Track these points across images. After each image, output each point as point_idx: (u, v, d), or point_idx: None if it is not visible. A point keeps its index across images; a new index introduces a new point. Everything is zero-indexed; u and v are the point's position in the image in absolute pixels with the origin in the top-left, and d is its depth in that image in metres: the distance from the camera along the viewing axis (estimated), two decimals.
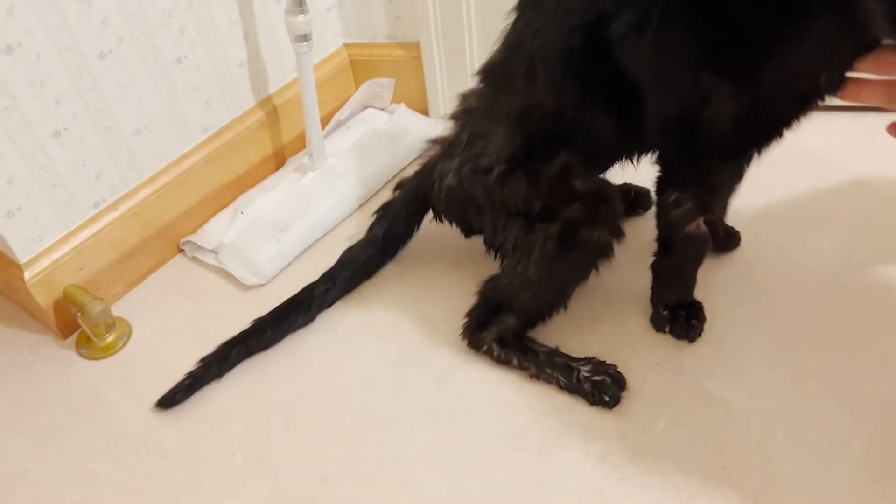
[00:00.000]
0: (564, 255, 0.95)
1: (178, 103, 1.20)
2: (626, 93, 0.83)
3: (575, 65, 0.85)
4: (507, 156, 0.95)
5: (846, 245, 1.12)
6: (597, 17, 0.80)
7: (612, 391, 0.96)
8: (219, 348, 1.05)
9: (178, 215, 1.25)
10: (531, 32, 0.88)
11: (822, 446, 0.88)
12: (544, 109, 0.90)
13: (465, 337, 1.05)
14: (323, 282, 1.12)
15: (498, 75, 0.96)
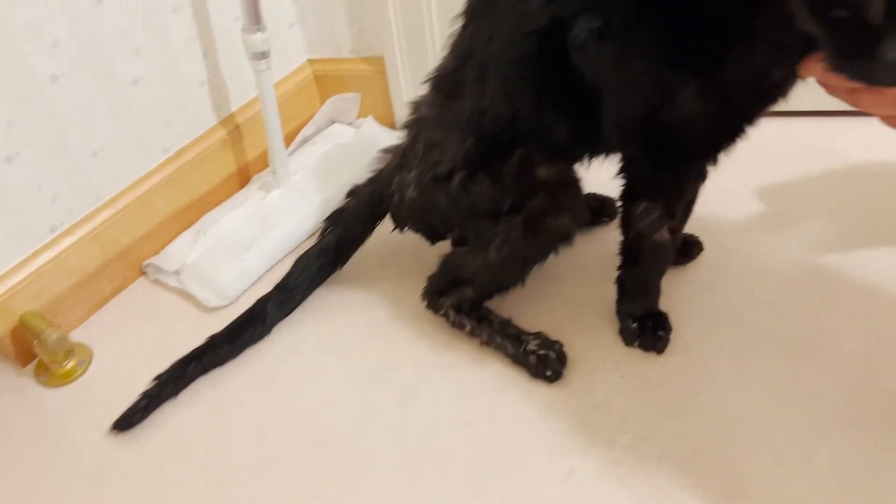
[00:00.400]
0: (528, 242, 0.96)
1: (135, 124, 1.18)
2: (583, 97, 0.83)
3: (529, 71, 0.84)
4: (464, 161, 0.94)
5: (809, 251, 1.12)
6: (552, 23, 0.79)
7: (555, 367, 0.99)
8: (174, 366, 1.04)
9: (140, 237, 1.23)
10: (483, 40, 0.88)
11: (788, 455, 0.88)
12: (497, 115, 0.90)
13: (425, 299, 1.09)
14: (276, 293, 1.11)
15: (448, 83, 0.96)
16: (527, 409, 0.98)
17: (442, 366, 1.05)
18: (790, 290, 1.07)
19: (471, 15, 0.90)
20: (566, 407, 0.97)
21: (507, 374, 1.02)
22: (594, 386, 0.99)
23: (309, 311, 1.16)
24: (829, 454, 0.87)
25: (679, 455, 0.89)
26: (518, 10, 0.82)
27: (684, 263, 1.12)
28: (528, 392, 1.00)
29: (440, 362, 1.05)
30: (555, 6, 0.79)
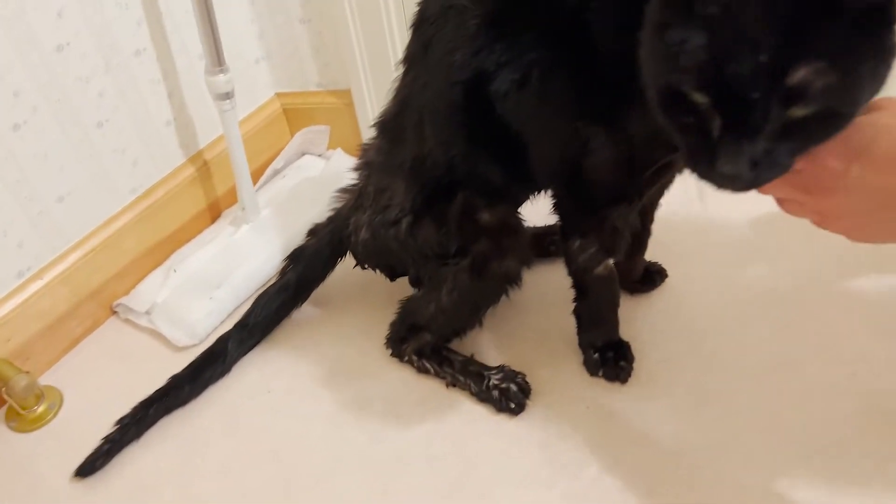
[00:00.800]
0: (475, 286, 0.98)
1: (102, 166, 1.19)
2: (511, 144, 0.86)
3: (459, 119, 0.87)
4: (410, 206, 0.97)
5: (772, 278, 1.14)
6: (477, 73, 0.82)
7: (517, 399, 1.01)
8: (135, 408, 1.05)
9: (110, 277, 1.24)
10: (419, 87, 0.90)
11: (749, 483, 0.89)
12: (436, 161, 0.92)
13: (388, 347, 1.11)
14: (237, 331, 1.13)
15: (391, 129, 0.98)
16: (494, 442, 0.99)
17: (411, 402, 1.06)
18: (753, 317, 1.09)
19: (409, 62, 0.93)
20: (532, 439, 0.98)
21: (476, 408, 1.03)
22: (560, 417, 1.00)
23: (278, 348, 1.17)
24: (789, 482, 0.88)
25: (642, 486, 0.91)
26: (446, 62, 0.84)
27: (647, 291, 1.14)
28: (496, 425, 1.01)
29: (409, 398, 1.06)
30: (478, 58, 0.81)
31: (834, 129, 0.59)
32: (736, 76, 0.55)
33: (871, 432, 0.91)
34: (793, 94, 0.55)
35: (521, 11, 0.79)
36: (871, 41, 0.56)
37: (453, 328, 1.05)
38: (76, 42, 1.10)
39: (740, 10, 0.54)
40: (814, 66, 0.54)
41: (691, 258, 1.19)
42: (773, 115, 0.56)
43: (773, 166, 0.60)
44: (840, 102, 0.56)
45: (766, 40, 0.53)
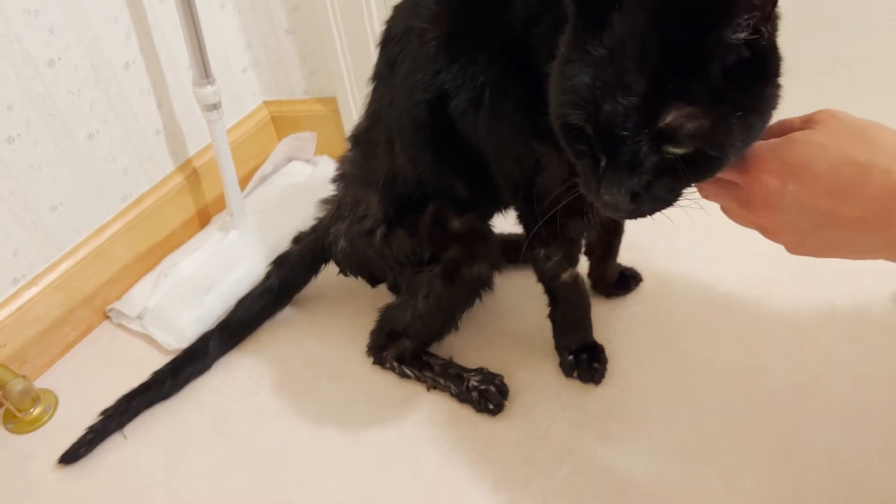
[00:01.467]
0: (448, 291, 1.02)
1: (93, 176, 1.22)
2: (474, 160, 0.90)
3: (425, 136, 0.91)
4: (383, 217, 1.01)
5: (742, 284, 1.18)
6: (438, 93, 0.86)
7: (496, 400, 1.05)
8: (119, 401, 1.10)
9: (103, 283, 1.27)
10: (386, 104, 0.94)
11: (714, 483, 0.93)
12: (406, 177, 0.97)
13: (370, 355, 1.14)
14: (219, 331, 1.17)
15: (364, 143, 1.03)
16: (473, 443, 1.02)
17: (394, 403, 1.10)
18: (724, 322, 1.13)
19: (377, 79, 0.97)
20: (509, 439, 1.02)
21: (455, 409, 1.07)
22: (536, 417, 1.04)
23: (265, 352, 1.20)
24: (753, 482, 0.92)
25: (613, 485, 0.95)
26: (410, 81, 0.88)
27: (622, 295, 1.18)
28: (475, 426, 1.05)
29: (391, 400, 1.10)
30: (438, 79, 0.85)
31: (708, 170, 0.65)
32: (610, 114, 0.60)
33: (833, 432, 0.95)
34: (664, 134, 0.60)
35: (473, 35, 0.83)
36: (742, 92, 0.61)
37: (431, 333, 1.09)
38: (67, 56, 1.13)
39: (620, 56, 0.60)
40: (684, 111, 0.59)
41: (666, 264, 1.22)
42: (643, 152, 0.61)
43: (653, 199, 0.65)
44: (710, 146, 0.61)
45: (638, 85, 0.59)
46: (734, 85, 0.60)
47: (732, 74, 0.60)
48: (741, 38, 0.59)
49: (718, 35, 0.58)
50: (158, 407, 1.14)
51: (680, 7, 0.59)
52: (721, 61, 0.59)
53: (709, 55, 0.59)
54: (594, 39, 0.61)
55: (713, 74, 0.59)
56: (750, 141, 0.65)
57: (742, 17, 0.57)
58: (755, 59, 0.61)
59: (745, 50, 0.60)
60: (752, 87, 0.62)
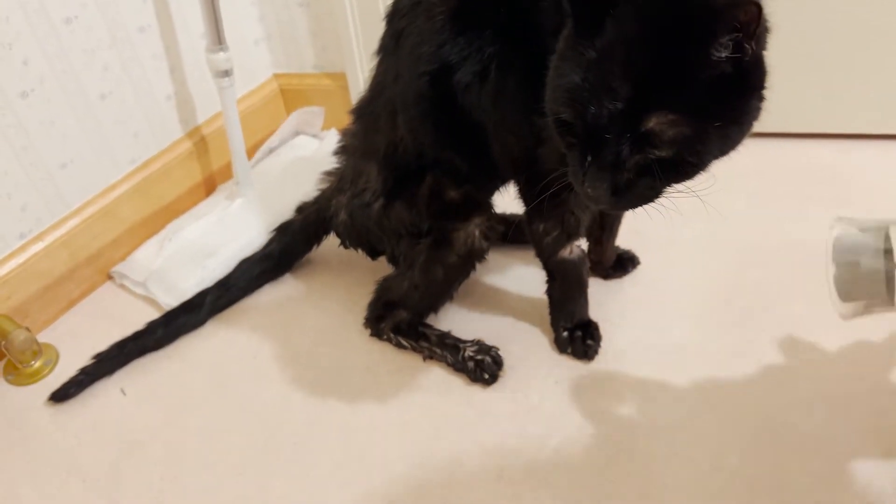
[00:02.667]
0: (442, 259, 1.03)
1: (104, 137, 1.24)
2: (474, 133, 0.92)
3: (426, 108, 0.93)
4: (383, 189, 1.03)
5: (737, 271, 1.20)
6: (442, 65, 0.88)
7: (491, 370, 1.07)
8: (111, 347, 1.13)
9: (107, 244, 1.29)
10: (391, 77, 0.96)
11: (700, 459, 0.95)
12: (407, 148, 0.98)
13: (367, 327, 1.16)
14: (216, 288, 1.20)
15: (367, 116, 1.05)
16: (465, 411, 1.04)
17: (389, 371, 1.12)
18: (718, 307, 1.14)
19: (382, 52, 0.99)
20: (501, 410, 1.04)
21: (449, 378, 1.09)
22: (528, 391, 1.06)
23: (266, 318, 1.22)
24: (738, 460, 0.94)
25: (601, 457, 0.96)
26: (415, 53, 0.90)
27: (619, 277, 1.20)
28: (467, 396, 1.07)
29: (386, 368, 1.12)
30: (443, 51, 0.87)
31: (684, 175, 0.69)
32: (595, 116, 0.64)
33: (819, 414, 0.97)
34: (645, 138, 0.64)
35: (481, 8, 0.85)
36: (723, 105, 0.65)
37: (426, 303, 1.10)
38: (84, 15, 1.15)
39: (609, 61, 0.64)
40: (665, 118, 0.63)
41: (663, 248, 1.24)
42: (625, 153, 0.66)
43: (634, 195, 0.70)
44: (689, 152, 0.66)
45: (623, 90, 0.63)
46: (715, 97, 0.64)
47: (714, 87, 0.64)
48: (723, 56, 0.62)
49: (702, 50, 0.62)
50: (157, 365, 1.16)
51: (668, 21, 0.63)
52: (704, 75, 0.63)
53: (692, 68, 0.63)
54: (587, 42, 0.65)
55: (696, 86, 0.63)
56: (727, 150, 0.70)
57: (724, 37, 0.61)
58: (737, 73, 0.64)
59: (728, 66, 0.64)
60: (733, 101, 0.66)
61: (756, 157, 1.41)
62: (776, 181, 1.35)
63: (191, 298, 1.18)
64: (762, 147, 1.42)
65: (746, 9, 0.60)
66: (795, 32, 1.23)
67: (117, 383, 1.14)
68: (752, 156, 0.75)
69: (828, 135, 1.43)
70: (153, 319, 1.16)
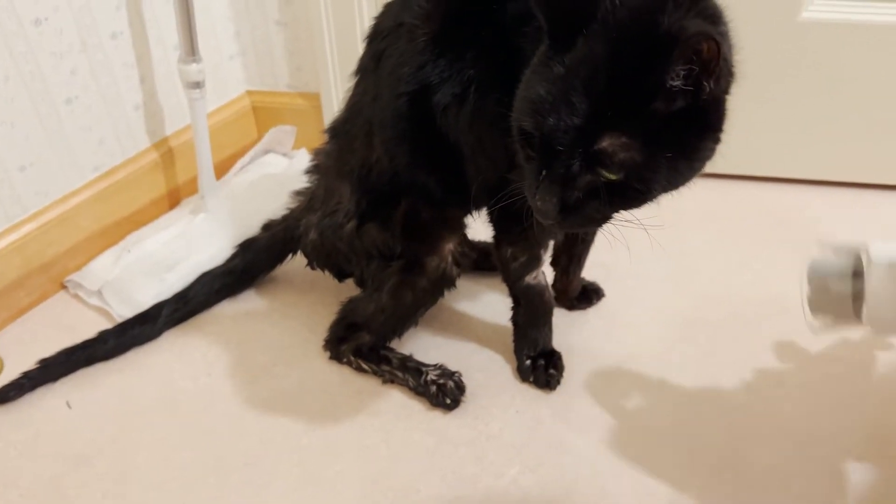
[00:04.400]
0: (412, 284, 1.02)
1: (67, 142, 1.21)
2: (450, 156, 0.92)
3: (404, 129, 0.92)
4: (356, 210, 1.02)
5: (701, 305, 1.20)
6: (422, 86, 0.88)
7: (454, 395, 1.05)
8: (58, 353, 1.09)
9: (63, 252, 1.25)
10: (369, 98, 0.96)
11: (660, 493, 0.94)
12: (382, 170, 0.97)
13: (327, 349, 1.13)
14: (174, 301, 1.17)
15: (342, 135, 1.04)
16: (424, 438, 1.02)
17: (348, 393, 1.09)
18: (681, 341, 1.15)
19: (361, 73, 0.99)
20: (461, 437, 1.02)
21: (410, 403, 1.07)
22: (489, 419, 1.04)
23: (223, 334, 1.19)
24: (698, 494, 0.93)
25: (559, 489, 0.95)
26: (396, 74, 0.90)
27: (584, 308, 1.20)
28: (427, 422, 1.05)
29: (346, 390, 1.10)
30: (423, 72, 0.87)
31: (631, 201, 0.71)
32: (552, 128, 0.66)
33: (779, 452, 0.97)
34: (597, 157, 0.66)
35: (464, 31, 0.85)
36: (676, 137, 0.67)
37: (392, 327, 1.08)
38: (55, 18, 1.13)
39: (573, 77, 0.65)
40: (618, 140, 0.65)
41: (628, 282, 1.25)
42: (575, 168, 0.67)
43: (581, 216, 0.71)
44: (637, 179, 0.67)
45: (581, 105, 0.65)
46: (670, 129, 0.66)
47: (670, 119, 0.65)
48: (677, 86, 0.64)
49: (658, 77, 0.63)
50: (107, 377, 1.12)
51: (632, 45, 0.65)
52: (661, 104, 0.65)
53: (648, 94, 0.64)
54: (558, 57, 0.67)
55: (651, 114, 0.65)
56: (675, 184, 0.71)
57: (679, 66, 0.63)
58: (694, 110, 0.66)
59: (683, 100, 0.65)
60: (687, 136, 0.68)
61: (721, 197, 1.44)
62: (740, 222, 1.37)
63: (146, 310, 1.15)
64: (727, 188, 1.46)
65: (707, 44, 0.62)
66: (763, 81, 1.27)
67: (63, 395, 1.09)
68: (718, 196, 0.76)
69: (791, 180, 1.46)
70: (105, 329, 1.13)
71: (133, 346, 1.14)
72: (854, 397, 1.04)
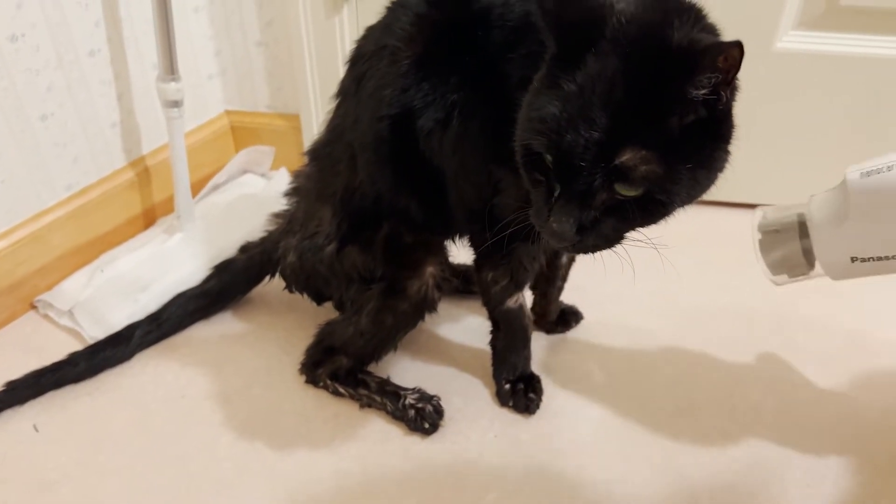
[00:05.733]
0: (393, 307, 1.01)
1: (41, 159, 1.19)
2: (432, 181, 0.91)
3: (385, 152, 0.92)
4: (336, 233, 1.01)
5: (678, 330, 1.21)
6: (405, 109, 0.87)
7: (432, 419, 1.04)
8: (27, 375, 1.07)
9: (34, 271, 1.23)
10: (351, 120, 0.95)
11: None
12: (364, 194, 0.97)
13: (303, 373, 1.12)
14: (147, 322, 1.15)
15: (323, 158, 1.03)
16: (402, 463, 1.01)
17: (325, 417, 1.07)
18: (658, 365, 1.15)
19: (342, 95, 0.98)
20: (439, 462, 1.01)
21: (387, 428, 1.06)
22: (468, 443, 1.03)
23: (197, 355, 1.17)
24: None
25: None
26: (377, 97, 0.89)
27: (563, 332, 1.19)
28: (405, 447, 1.03)
29: (322, 414, 1.08)
30: (406, 96, 0.87)
31: (654, 215, 0.70)
32: (571, 144, 0.65)
33: (755, 477, 0.97)
34: (618, 172, 0.65)
35: (448, 55, 0.85)
36: (696, 148, 0.67)
37: (369, 351, 1.07)
38: (31, 34, 1.11)
39: (588, 92, 0.65)
40: (639, 153, 0.64)
41: (607, 306, 1.25)
42: (596, 185, 0.66)
43: (598, 236, 0.70)
44: (659, 190, 0.67)
45: (601, 120, 0.64)
46: (689, 140, 0.66)
47: (689, 130, 0.65)
48: (700, 96, 0.64)
49: (681, 89, 0.63)
50: (76, 400, 1.09)
51: (649, 57, 0.64)
52: (680, 116, 0.65)
53: (669, 107, 0.64)
54: (567, 76, 0.66)
55: (671, 126, 0.65)
56: (694, 196, 0.71)
57: (705, 75, 0.63)
58: (711, 120, 0.66)
59: (703, 109, 0.65)
60: (705, 146, 0.68)
61: (696, 222, 1.45)
62: (718, 247, 1.38)
63: (119, 331, 1.13)
64: (702, 213, 1.46)
65: (729, 52, 0.62)
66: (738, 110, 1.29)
67: (30, 419, 1.06)
68: (693, 221, 0.77)
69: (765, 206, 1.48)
70: (76, 351, 1.10)
71: (104, 368, 1.12)
72: (832, 425, 1.05)
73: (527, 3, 0.80)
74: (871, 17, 1.23)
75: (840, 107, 1.32)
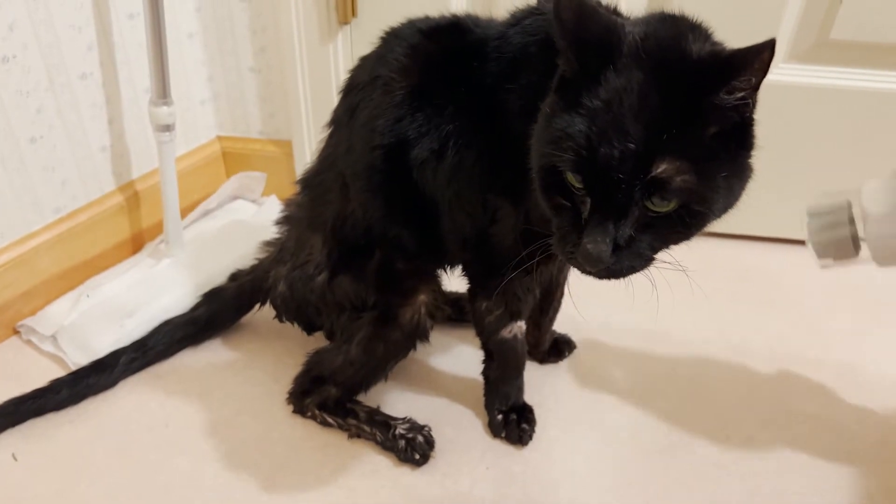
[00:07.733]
0: (385, 336, 0.99)
1: (29, 181, 1.17)
2: (425, 210, 0.90)
3: (378, 182, 0.91)
4: (327, 262, 1.00)
5: (673, 362, 1.20)
6: (399, 140, 0.86)
7: (423, 450, 1.02)
8: (7, 402, 1.04)
9: (18, 295, 1.20)
10: (343, 149, 0.94)
11: None
12: (356, 222, 0.96)
13: (290, 402, 1.10)
14: (133, 349, 1.13)
15: (315, 187, 1.02)
16: (392, 495, 0.98)
17: (313, 447, 1.05)
18: (652, 397, 1.13)
19: (335, 125, 0.98)
20: (430, 495, 0.99)
21: (376, 459, 1.04)
22: (459, 475, 1.01)
23: (183, 384, 1.14)
24: None
25: None
26: (370, 126, 0.89)
27: (555, 362, 1.18)
28: (394, 478, 1.01)
29: (311, 443, 1.06)
30: (400, 126, 0.86)
31: (693, 226, 0.68)
32: (606, 157, 0.63)
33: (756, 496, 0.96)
34: (655, 184, 0.64)
35: (442, 86, 0.85)
36: (730, 156, 0.67)
37: (359, 380, 1.05)
38: (23, 56, 1.11)
39: (618, 105, 0.64)
40: (675, 164, 0.63)
41: (600, 336, 1.24)
42: (635, 199, 0.64)
43: (634, 255, 0.68)
44: (696, 201, 0.66)
45: (635, 131, 0.63)
46: (722, 148, 0.65)
47: (721, 139, 0.65)
48: (734, 101, 0.63)
49: (714, 98, 0.63)
50: (58, 429, 1.06)
51: (674, 69, 0.64)
52: (714, 126, 0.64)
53: (704, 118, 0.64)
54: (590, 94, 0.65)
55: (705, 135, 0.64)
56: (730, 205, 0.70)
57: (740, 78, 0.62)
58: (740, 127, 0.66)
59: (736, 115, 0.65)
60: (737, 153, 0.67)
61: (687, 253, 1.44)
62: (705, 278, 1.37)
63: (103, 358, 1.10)
64: (694, 244, 1.47)
65: (765, 53, 0.61)
66: None
67: (9, 447, 1.03)
68: (684, 252, 0.76)
69: (755, 237, 1.49)
70: (58, 377, 1.07)
71: (87, 395, 1.09)
72: (829, 457, 1.03)
73: (525, 36, 0.80)
74: (860, 50, 1.25)
75: (831, 138, 1.33)
